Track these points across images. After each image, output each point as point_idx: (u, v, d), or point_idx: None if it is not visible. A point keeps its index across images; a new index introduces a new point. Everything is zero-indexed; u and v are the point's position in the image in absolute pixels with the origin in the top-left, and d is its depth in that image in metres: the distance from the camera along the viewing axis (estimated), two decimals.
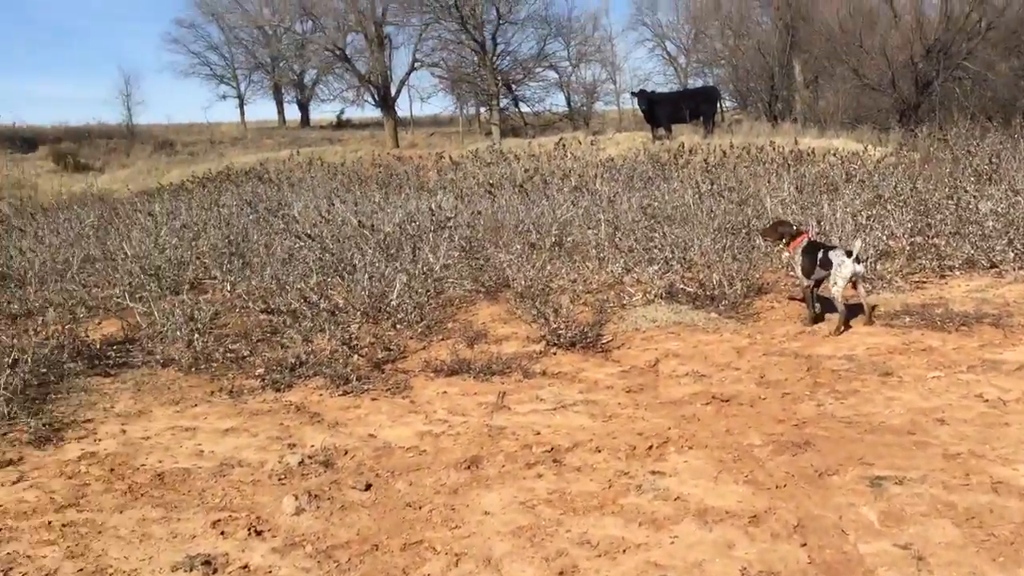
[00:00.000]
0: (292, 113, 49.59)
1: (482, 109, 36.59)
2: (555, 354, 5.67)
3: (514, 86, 31.65)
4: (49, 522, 3.47)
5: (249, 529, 3.34)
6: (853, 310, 5.86)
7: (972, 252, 7.21)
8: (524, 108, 32.67)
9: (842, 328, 5.67)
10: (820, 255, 5.81)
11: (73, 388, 5.24)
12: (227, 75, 48.40)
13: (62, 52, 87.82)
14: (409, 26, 32.37)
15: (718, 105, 24.01)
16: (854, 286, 5.83)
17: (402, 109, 38.88)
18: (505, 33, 31.07)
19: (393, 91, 32.12)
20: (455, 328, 6.41)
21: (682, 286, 6.82)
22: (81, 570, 3.10)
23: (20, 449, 4.29)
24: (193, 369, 5.58)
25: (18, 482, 3.91)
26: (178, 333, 6.07)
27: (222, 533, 3.34)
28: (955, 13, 21.65)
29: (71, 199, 16.38)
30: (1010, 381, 4.56)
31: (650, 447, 3.97)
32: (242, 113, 48.35)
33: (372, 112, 36.33)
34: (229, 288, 7.53)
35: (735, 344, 5.64)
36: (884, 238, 7.69)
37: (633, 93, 24.34)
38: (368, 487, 3.72)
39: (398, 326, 6.41)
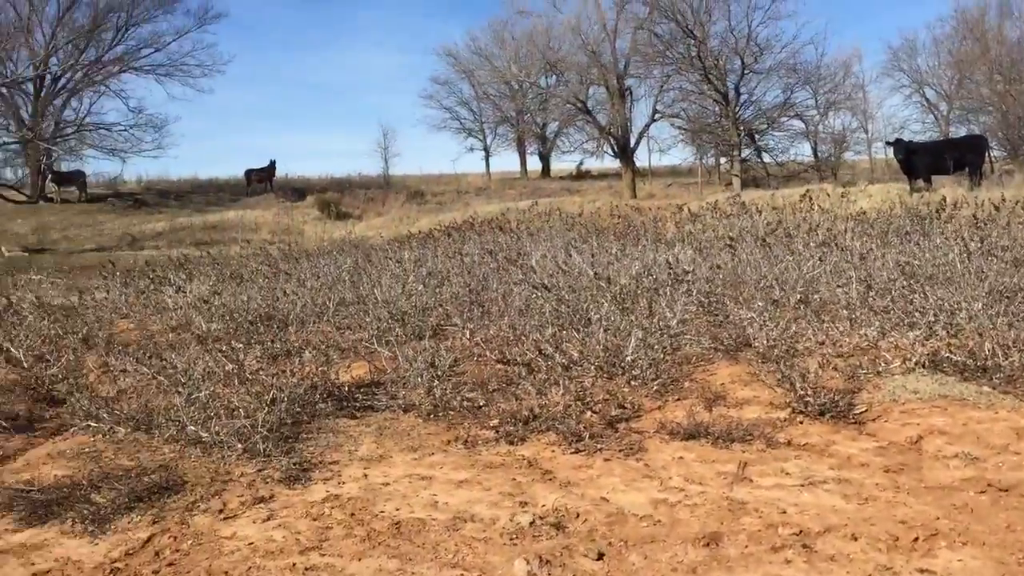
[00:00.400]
0: (534, 164, 51.25)
1: (723, 160, 35.96)
2: (801, 423, 5.29)
3: (757, 136, 30.87)
4: (294, 564, 3.60)
5: None
6: None
7: None
8: (767, 158, 31.72)
9: None
10: None
11: (322, 429, 5.51)
12: (475, 128, 50.96)
13: (332, 109, 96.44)
14: (650, 78, 32.54)
15: (986, 155, 22.10)
16: None
17: (641, 160, 38.94)
18: (749, 83, 30.46)
19: (632, 142, 32.28)
20: (692, 388, 6.17)
21: (948, 354, 6.17)
22: None
23: (272, 487, 4.54)
24: (432, 416, 5.71)
25: (268, 520, 4.11)
26: (419, 379, 6.27)
27: None
28: None
29: (331, 245, 17.66)
30: None
31: (915, 539, 3.54)
32: (487, 164, 50.59)
33: (611, 163, 36.70)
34: (468, 336, 7.73)
35: (1014, 424, 4.99)
36: None
37: (888, 142, 23.02)
38: (601, 556, 3.57)
39: (632, 383, 6.26)
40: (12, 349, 7.06)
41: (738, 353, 7.04)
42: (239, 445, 4.95)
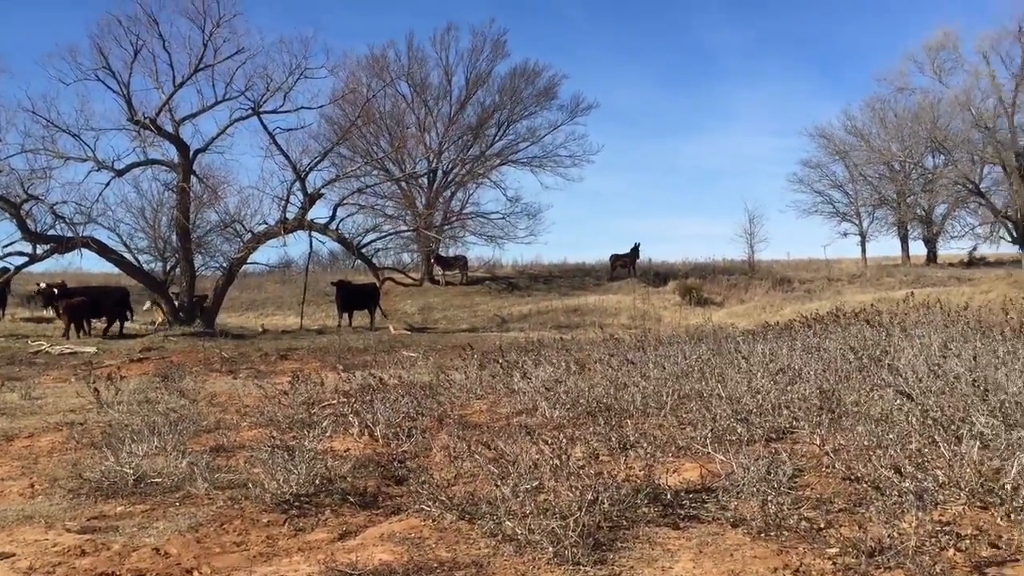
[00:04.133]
0: (917, 249, 47.24)
1: None
2: None
3: None
4: None
5: None
6: None
7: None
8: None
9: None
10: None
11: (640, 537, 5.22)
12: (849, 212, 48.36)
13: (700, 194, 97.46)
14: None
15: None
16: None
17: None
18: None
19: None
20: None
21: None
22: None
23: None
24: (762, 535, 5.19)
25: None
26: (754, 489, 5.76)
27: None
28: None
29: (686, 332, 17.44)
30: None
31: None
32: (863, 249, 47.60)
33: (1009, 248, 32.67)
34: (818, 443, 7.05)
35: None
36: None
37: None
38: None
39: (1013, 516, 5.23)
40: (371, 425, 7.65)
41: None
42: (550, 548, 4.83)
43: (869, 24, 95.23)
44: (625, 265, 39.03)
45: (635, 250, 39.06)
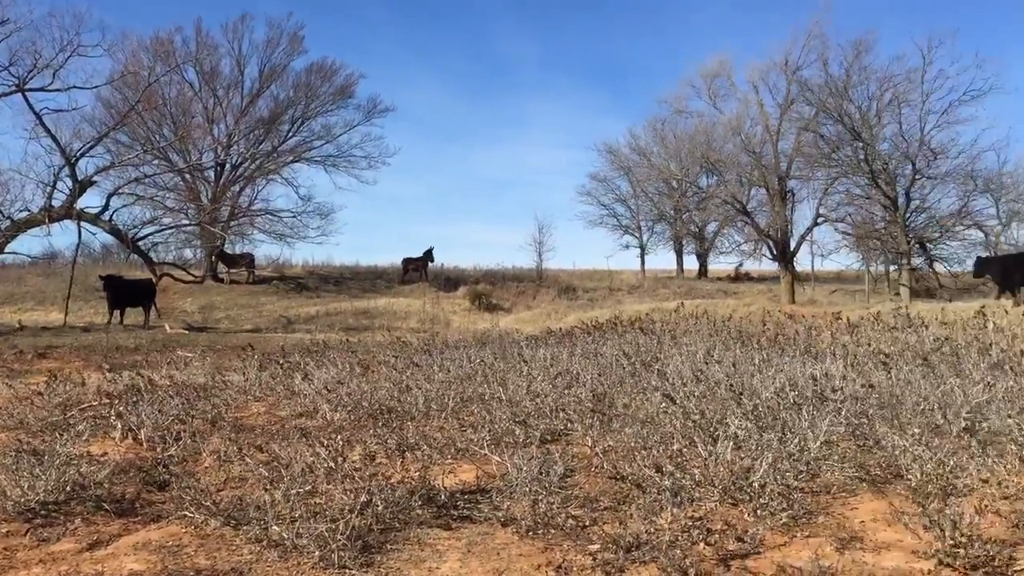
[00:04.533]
0: (691, 263, 50.57)
1: (892, 267, 34.10)
2: None
3: (929, 244, 29.08)
4: None
5: None
6: None
7: None
8: (940, 268, 29.78)
9: None
10: None
11: (411, 539, 5.18)
12: (631, 226, 51.02)
13: (491, 203, 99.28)
14: (814, 180, 31.55)
15: None
16: None
17: (803, 264, 37.56)
18: (921, 188, 28.92)
19: (793, 245, 31.23)
20: (826, 524, 5.49)
21: None
22: None
23: None
24: (531, 533, 5.29)
25: None
26: (527, 489, 5.88)
27: None
28: None
29: (473, 337, 17.65)
30: None
31: None
32: (642, 262, 50.33)
33: (772, 265, 35.52)
34: (590, 444, 7.30)
35: None
36: None
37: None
38: None
39: (759, 512, 5.63)
40: (135, 428, 7.17)
41: (886, 486, 6.28)
42: (316, 552, 4.69)
43: (655, 47, 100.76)
44: (417, 269, 39.02)
45: (428, 254, 39.11)
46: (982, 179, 29.33)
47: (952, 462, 6.29)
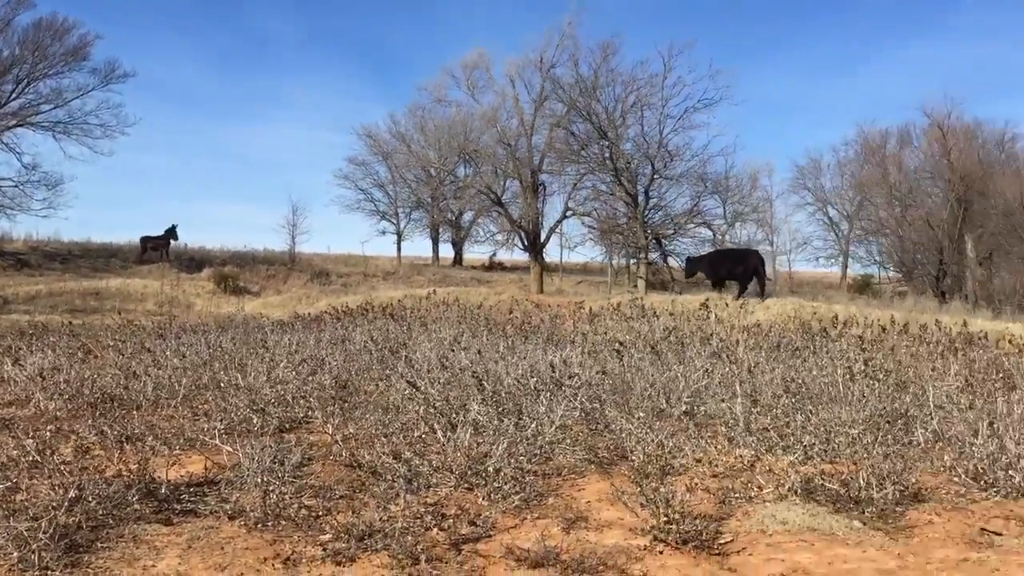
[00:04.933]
0: (447, 251, 51.08)
1: (632, 261, 36.31)
2: (662, 552, 4.84)
3: (664, 240, 31.24)
4: None
5: None
6: None
7: None
8: (673, 262, 32.08)
9: None
10: None
11: (125, 536, 4.80)
12: (388, 212, 50.73)
13: (245, 181, 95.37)
14: (564, 175, 32.86)
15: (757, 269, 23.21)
16: None
17: (553, 255, 39.11)
18: (659, 187, 30.95)
19: (543, 237, 32.38)
20: (555, 505, 5.69)
21: (822, 482, 5.86)
22: None
23: None
24: (260, 525, 5.07)
25: None
26: (258, 480, 5.63)
27: None
28: None
29: (216, 321, 16.81)
30: None
31: None
32: (399, 249, 50.24)
33: (524, 255, 36.65)
34: (330, 432, 7.14)
35: (881, 566, 4.64)
36: None
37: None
38: None
39: (493, 496, 5.74)
40: None
41: (613, 467, 6.62)
42: (15, 553, 4.23)
43: (419, 34, 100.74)
44: (157, 248, 36.48)
45: (170, 232, 36.65)
46: (712, 181, 31.90)
47: (671, 443, 6.74)
